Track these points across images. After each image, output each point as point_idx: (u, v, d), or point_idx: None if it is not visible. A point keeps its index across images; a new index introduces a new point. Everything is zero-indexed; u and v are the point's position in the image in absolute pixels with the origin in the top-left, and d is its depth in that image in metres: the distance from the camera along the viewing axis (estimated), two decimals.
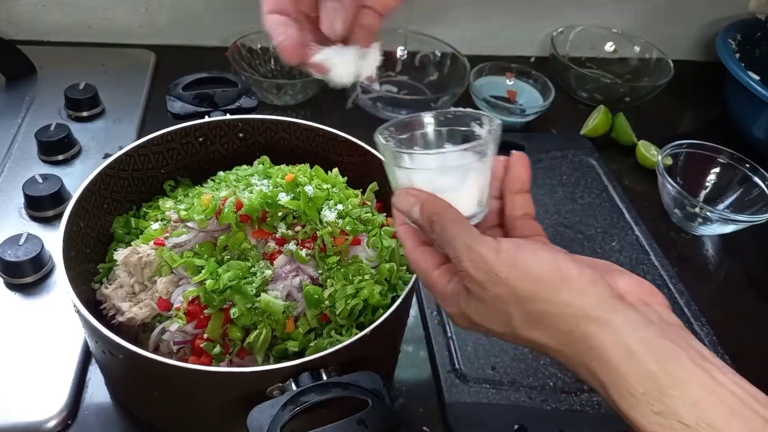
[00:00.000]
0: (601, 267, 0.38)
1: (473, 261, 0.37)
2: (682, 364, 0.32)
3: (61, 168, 0.78)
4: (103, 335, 0.45)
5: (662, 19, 1.15)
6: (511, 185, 0.44)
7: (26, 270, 0.64)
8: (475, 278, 0.37)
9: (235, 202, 0.55)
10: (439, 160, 0.42)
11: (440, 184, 0.41)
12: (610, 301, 0.35)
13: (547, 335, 0.36)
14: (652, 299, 0.37)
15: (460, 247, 0.38)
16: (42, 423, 0.54)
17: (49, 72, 0.93)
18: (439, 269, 0.42)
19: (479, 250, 0.37)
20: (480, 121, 0.43)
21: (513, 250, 0.37)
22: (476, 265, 0.37)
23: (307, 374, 0.45)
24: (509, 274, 0.36)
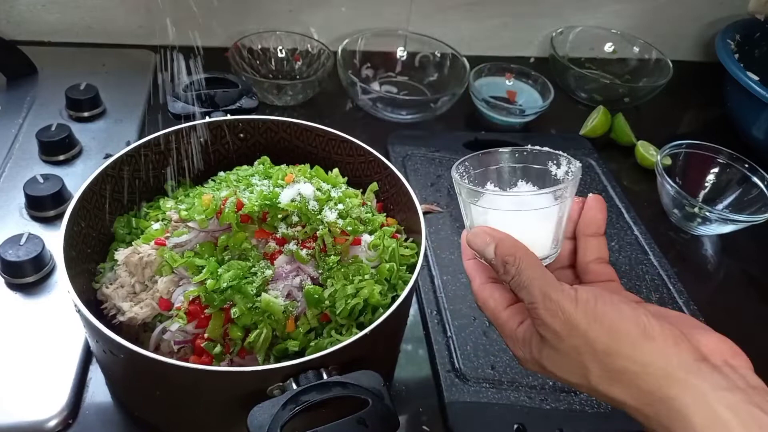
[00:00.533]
0: (683, 323, 0.37)
1: (550, 309, 0.36)
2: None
3: (62, 168, 0.78)
4: (104, 335, 0.45)
5: (661, 20, 1.15)
6: (585, 228, 0.43)
7: (27, 270, 0.64)
8: (551, 327, 0.36)
9: (236, 202, 0.55)
10: (517, 201, 0.42)
11: (517, 225, 0.41)
12: (694, 364, 0.34)
13: (627, 393, 0.35)
14: (736, 361, 0.36)
15: (536, 293, 0.37)
16: (43, 422, 0.54)
17: (50, 72, 0.93)
18: (509, 309, 0.41)
19: (556, 298, 0.36)
20: (557, 161, 0.43)
21: (592, 300, 0.36)
22: (553, 314, 0.36)
23: (308, 374, 0.45)
24: (588, 327, 0.35)
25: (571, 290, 0.37)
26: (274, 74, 1.00)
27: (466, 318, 0.68)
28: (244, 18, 1.01)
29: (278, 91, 0.93)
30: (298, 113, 0.95)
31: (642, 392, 0.35)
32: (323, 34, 1.01)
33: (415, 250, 0.59)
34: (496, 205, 0.41)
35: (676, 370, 0.34)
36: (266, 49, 0.99)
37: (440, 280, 0.72)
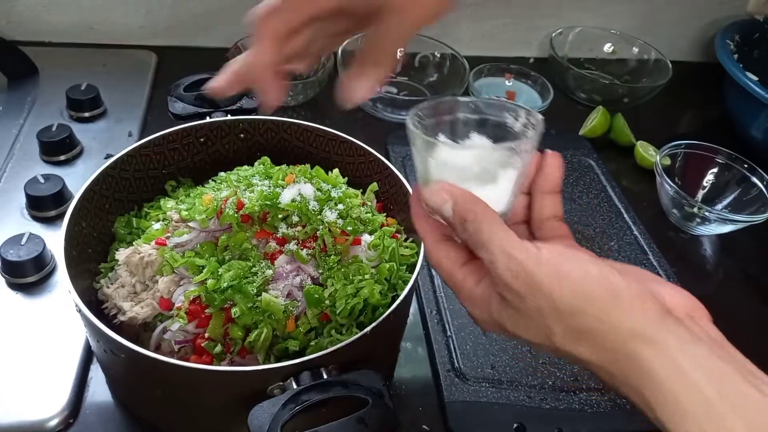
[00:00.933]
0: (644, 278, 0.37)
1: (511, 269, 0.35)
2: (736, 384, 0.32)
3: (62, 168, 0.79)
4: (104, 334, 0.45)
5: (661, 20, 1.15)
6: (542, 185, 0.42)
7: (28, 270, 0.64)
8: (512, 287, 0.35)
9: (236, 202, 0.55)
10: (477, 154, 0.39)
11: (474, 180, 0.38)
12: (660, 319, 0.34)
13: (591, 352, 0.35)
14: (697, 313, 0.36)
15: (497, 252, 0.35)
16: (43, 422, 0.54)
17: (51, 72, 0.93)
18: (465, 267, 0.39)
19: (519, 258, 0.35)
20: (516, 113, 0.40)
21: (557, 260, 0.35)
22: (515, 274, 0.35)
23: (308, 373, 0.45)
24: (552, 287, 0.34)
25: (533, 249, 0.35)
26: None
27: (466, 318, 0.68)
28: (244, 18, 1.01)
29: None
30: (299, 113, 0.95)
31: (607, 350, 0.34)
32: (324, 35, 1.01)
33: (414, 250, 0.59)
34: (454, 158, 0.39)
35: (642, 326, 0.33)
36: None
37: (440, 280, 0.72)
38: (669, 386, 0.32)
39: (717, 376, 0.32)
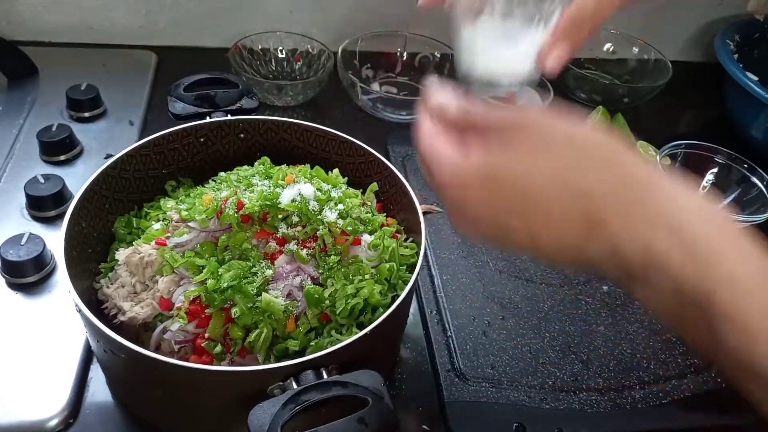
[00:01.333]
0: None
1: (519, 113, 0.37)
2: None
3: (62, 168, 0.79)
4: (104, 334, 0.45)
5: (661, 20, 1.15)
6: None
7: (28, 270, 0.64)
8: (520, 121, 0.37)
9: (236, 202, 0.55)
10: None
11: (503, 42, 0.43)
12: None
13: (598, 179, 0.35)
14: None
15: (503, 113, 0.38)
16: (43, 422, 0.54)
17: (51, 72, 0.93)
18: (453, 143, 0.38)
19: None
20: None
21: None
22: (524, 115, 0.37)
23: (308, 373, 0.45)
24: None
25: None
26: (274, 75, 1.00)
27: (466, 318, 0.68)
28: (244, 18, 1.01)
29: (278, 91, 0.93)
30: (299, 113, 0.95)
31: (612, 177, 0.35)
32: (323, 35, 1.01)
33: (415, 250, 0.59)
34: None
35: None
36: (266, 49, 0.99)
37: (440, 280, 0.72)
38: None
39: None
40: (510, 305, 0.70)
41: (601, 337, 0.68)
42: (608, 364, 0.66)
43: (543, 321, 0.69)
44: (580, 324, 0.69)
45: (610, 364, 0.66)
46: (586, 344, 0.67)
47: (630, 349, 0.67)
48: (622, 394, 0.63)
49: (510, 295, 0.71)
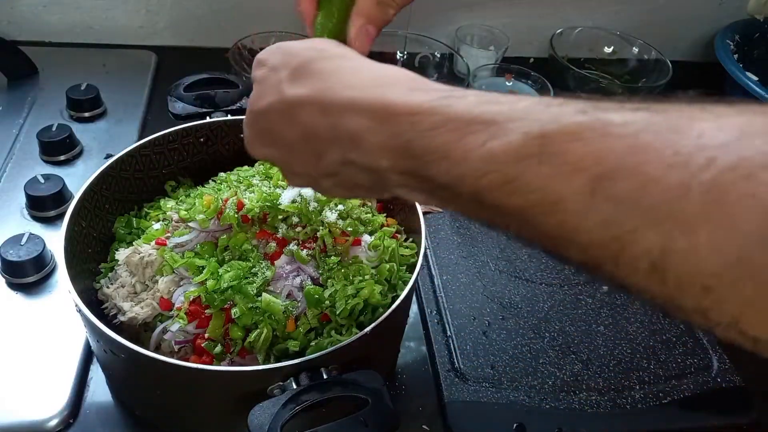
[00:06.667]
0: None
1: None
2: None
3: (62, 168, 0.79)
4: (104, 335, 0.45)
5: (661, 20, 1.15)
6: None
7: (28, 270, 0.64)
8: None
9: (237, 202, 0.55)
10: None
11: None
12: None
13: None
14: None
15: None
16: (43, 422, 0.54)
17: (51, 72, 0.93)
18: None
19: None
20: None
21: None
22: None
23: (308, 373, 0.45)
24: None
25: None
26: None
27: (466, 318, 0.68)
28: (244, 18, 1.01)
29: None
30: None
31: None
32: None
33: (414, 250, 0.59)
34: None
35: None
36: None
37: (440, 280, 0.72)
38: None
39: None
40: (510, 305, 0.70)
41: (601, 337, 0.68)
42: (608, 364, 0.66)
43: (543, 321, 0.69)
44: (580, 324, 0.69)
45: (610, 364, 0.66)
46: (586, 344, 0.67)
47: (630, 349, 0.67)
48: (622, 394, 0.63)
49: (510, 295, 0.71)
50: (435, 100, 0.30)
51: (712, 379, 0.65)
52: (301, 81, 0.35)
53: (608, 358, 0.66)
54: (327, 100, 0.34)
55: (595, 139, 0.24)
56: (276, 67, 0.37)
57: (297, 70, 0.36)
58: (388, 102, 0.31)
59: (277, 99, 0.36)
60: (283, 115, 0.36)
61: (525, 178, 0.26)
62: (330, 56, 0.36)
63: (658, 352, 0.67)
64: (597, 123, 0.25)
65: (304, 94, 0.35)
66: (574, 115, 0.26)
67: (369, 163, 0.33)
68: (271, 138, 0.38)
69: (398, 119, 0.31)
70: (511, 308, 0.70)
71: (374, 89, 0.32)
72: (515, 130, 0.27)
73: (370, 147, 0.32)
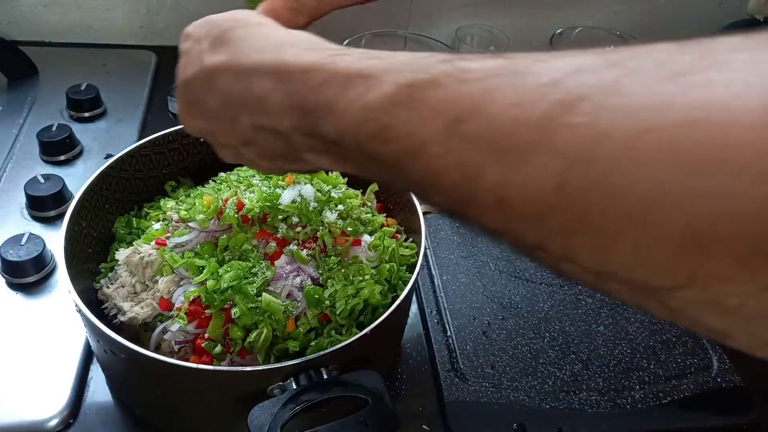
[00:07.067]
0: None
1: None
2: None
3: (62, 168, 0.79)
4: (104, 335, 0.45)
5: (661, 20, 1.15)
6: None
7: (28, 270, 0.64)
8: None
9: (237, 202, 0.55)
10: None
11: None
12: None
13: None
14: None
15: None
16: (43, 422, 0.54)
17: (51, 72, 0.93)
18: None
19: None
20: None
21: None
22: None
23: (308, 373, 0.45)
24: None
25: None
26: None
27: (466, 318, 0.68)
28: None
29: None
30: None
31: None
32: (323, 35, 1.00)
33: (414, 250, 0.59)
34: None
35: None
36: None
37: (440, 280, 0.72)
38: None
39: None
40: (510, 305, 0.70)
41: (601, 337, 0.68)
42: (608, 364, 0.66)
43: (543, 321, 0.69)
44: (580, 324, 0.69)
45: (610, 364, 0.66)
46: (586, 344, 0.67)
47: (630, 349, 0.67)
48: (622, 394, 0.63)
49: (510, 295, 0.71)
50: (324, 58, 0.32)
51: (712, 379, 0.65)
52: (218, 49, 0.37)
53: (608, 358, 0.66)
54: (238, 65, 0.36)
55: (452, 85, 0.26)
56: (199, 38, 0.39)
57: (216, 39, 0.37)
58: (285, 62, 0.33)
59: (198, 68, 0.38)
60: (204, 84, 0.38)
61: (395, 125, 0.28)
62: (246, 24, 0.38)
63: (658, 352, 0.67)
64: (455, 70, 0.27)
65: (221, 61, 0.36)
66: (438, 64, 0.27)
67: (275, 125, 0.34)
68: (197, 109, 0.40)
69: (293, 77, 0.33)
70: (511, 308, 0.70)
71: (276, 51, 0.34)
72: (388, 81, 0.28)
73: (273, 108, 0.34)
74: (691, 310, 0.22)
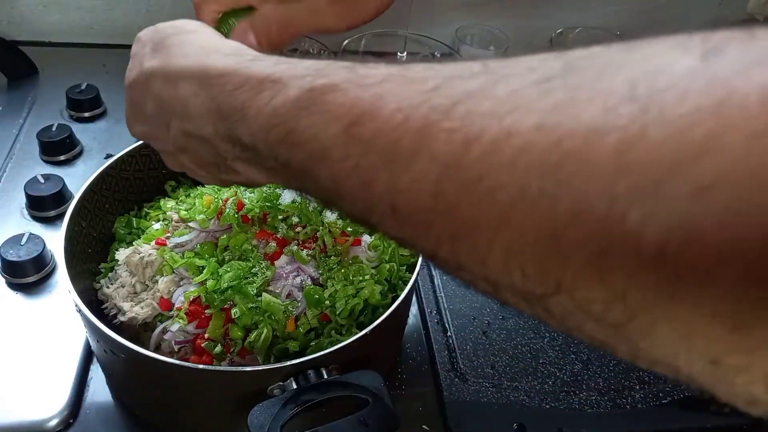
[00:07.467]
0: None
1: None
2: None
3: (62, 168, 0.79)
4: (104, 335, 0.45)
5: (661, 20, 1.15)
6: None
7: (28, 270, 0.64)
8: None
9: (237, 202, 0.55)
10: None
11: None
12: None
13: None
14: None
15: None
16: (43, 422, 0.54)
17: (51, 72, 0.93)
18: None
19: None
20: None
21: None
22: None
23: (308, 373, 0.45)
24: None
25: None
26: None
27: (466, 318, 0.68)
28: None
29: None
30: None
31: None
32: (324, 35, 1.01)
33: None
34: None
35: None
36: None
37: (440, 280, 0.72)
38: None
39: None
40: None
41: None
42: (608, 364, 0.66)
43: None
44: None
45: (610, 364, 0.66)
46: (586, 344, 0.67)
47: None
48: (622, 394, 0.63)
49: None
50: (240, 63, 0.32)
51: None
52: (155, 54, 0.38)
53: (608, 358, 0.66)
54: (167, 70, 0.37)
55: (350, 90, 0.26)
56: (144, 43, 0.40)
57: (156, 44, 0.39)
58: (206, 66, 0.34)
59: (138, 72, 0.39)
60: (142, 87, 0.39)
61: (299, 129, 0.28)
62: (183, 32, 0.39)
63: None
64: (355, 76, 0.27)
65: (154, 65, 0.38)
66: (339, 70, 0.28)
67: (198, 131, 0.35)
68: (138, 112, 0.41)
69: (211, 81, 0.33)
70: (511, 308, 0.70)
71: (200, 56, 0.35)
72: (294, 85, 0.29)
73: (196, 113, 0.34)
74: (570, 318, 0.22)
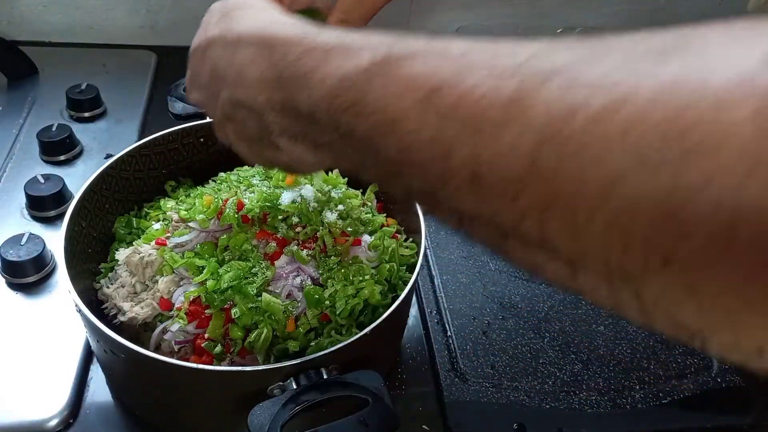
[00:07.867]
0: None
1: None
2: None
3: (62, 168, 0.79)
4: (104, 335, 0.45)
5: (661, 20, 1.15)
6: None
7: (28, 270, 0.64)
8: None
9: (237, 202, 0.55)
10: None
11: None
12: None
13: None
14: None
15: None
16: (43, 422, 0.54)
17: (51, 72, 0.93)
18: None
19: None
20: None
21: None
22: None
23: (308, 373, 0.45)
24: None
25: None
26: None
27: (466, 318, 0.68)
28: None
29: None
30: None
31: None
32: None
33: (414, 250, 0.59)
34: None
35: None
36: None
37: (440, 280, 0.72)
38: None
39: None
40: (510, 305, 0.70)
41: (601, 337, 0.68)
42: (608, 364, 0.66)
43: (543, 321, 0.69)
44: (580, 324, 0.69)
45: (610, 364, 0.66)
46: (586, 344, 0.67)
47: (630, 349, 0.67)
48: (622, 394, 0.63)
49: (510, 295, 0.71)
50: (307, 32, 0.32)
51: (712, 379, 0.65)
52: (220, 23, 0.38)
53: (608, 358, 0.66)
54: (227, 36, 0.37)
55: (430, 59, 0.26)
56: (213, 13, 0.40)
57: (222, 15, 0.39)
58: (269, 33, 0.34)
59: (202, 39, 0.40)
60: (201, 54, 0.39)
61: (369, 98, 0.27)
62: (249, 6, 0.39)
63: (658, 352, 0.67)
64: (437, 47, 0.26)
65: (216, 32, 0.38)
66: (418, 40, 0.27)
67: (248, 100, 0.35)
68: (196, 78, 0.41)
69: (274, 49, 0.33)
70: (511, 308, 0.70)
71: (262, 24, 0.35)
72: (367, 53, 0.28)
73: (250, 81, 0.34)
74: (666, 299, 0.21)
